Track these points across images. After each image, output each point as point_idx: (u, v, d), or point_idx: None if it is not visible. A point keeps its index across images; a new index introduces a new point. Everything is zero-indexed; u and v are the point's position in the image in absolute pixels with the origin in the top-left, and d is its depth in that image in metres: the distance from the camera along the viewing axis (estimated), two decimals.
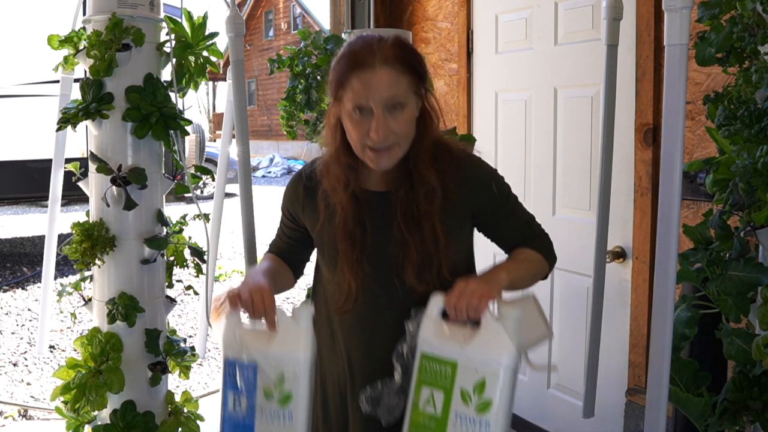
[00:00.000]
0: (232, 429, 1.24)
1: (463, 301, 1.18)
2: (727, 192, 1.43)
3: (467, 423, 1.15)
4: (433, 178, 1.30)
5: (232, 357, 1.24)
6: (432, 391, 1.18)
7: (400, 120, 1.24)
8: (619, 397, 2.42)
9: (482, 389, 1.14)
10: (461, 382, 1.16)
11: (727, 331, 1.44)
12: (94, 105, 1.82)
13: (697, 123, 2.12)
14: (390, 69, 1.22)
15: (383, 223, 1.33)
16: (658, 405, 1.37)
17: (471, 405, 1.15)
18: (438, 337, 1.20)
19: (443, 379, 1.18)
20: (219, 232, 2.53)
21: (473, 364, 1.16)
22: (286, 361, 1.21)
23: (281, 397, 1.21)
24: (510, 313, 1.18)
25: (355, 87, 1.22)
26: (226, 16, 1.96)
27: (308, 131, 2.36)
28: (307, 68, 2.27)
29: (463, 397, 1.16)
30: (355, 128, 1.25)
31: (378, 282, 1.33)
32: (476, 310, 1.17)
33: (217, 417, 1.29)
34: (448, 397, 1.17)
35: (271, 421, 1.21)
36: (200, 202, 2.08)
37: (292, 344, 1.22)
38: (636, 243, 2.33)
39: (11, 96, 5.92)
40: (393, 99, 1.22)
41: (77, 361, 1.89)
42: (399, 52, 1.24)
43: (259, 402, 1.22)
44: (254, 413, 1.22)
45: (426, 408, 1.19)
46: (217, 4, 2.29)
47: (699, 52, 1.42)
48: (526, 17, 2.72)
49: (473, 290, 1.19)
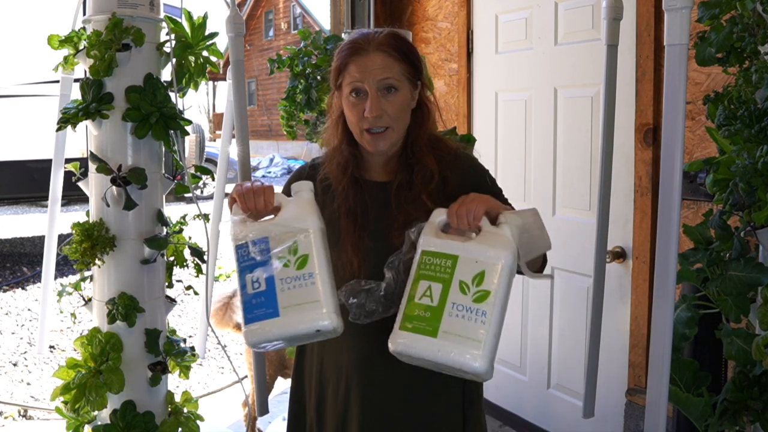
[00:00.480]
0: (255, 308, 1.21)
1: (464, 207, 1.23)
2: (727, 192, 1.43)
3: (463, 311, 1.16)
4: (432, 164, 1.39)
5: (242, 239, 1.25)
6: (430, 284, 1.20)
7: (393, 102, 1.34)
8: (619, 397, 2.42)
9: (481, 280, 1.17)
10: (460, 274, 1.19)
11: (727, 331, 1.44)
12: (94, 105, 1.82)
13: (697, 123, 2.12)
14: (383, 54, 1.33)
15: (384, 205, 1.40)
16: (658, 405, 1.37)
17: (468, 294, 1.17)
18: (438, 237, 1.24)
19: (443, 271, 1.20)
20: (219, 232, 2.53)
21: (474, 257, 1.19)
22: (296, 225, 1.23)
23: (298, 261, 1.21)
24: (512, 219, 1.22)
25: (352, 71, 1.34)
26: (226, 16, 1.96)
27: (308, 131, 2.36)
28: (307, 68, 2.27)
29: (461, 287, 1.18)
30: (352, 111, 1.35)
31: (378, 257, 1.36)
32: (476, 216, 1.22)
33: (217, 417, 1.29)
34: (446, 288, 1.19)
35: (293, 286, 1.20)
36: (200, 202, 2.08)
37: (299, 212, 1.25)
38: (636, 243, 2.33)
39: (11, 96, 5.92)
40: (386, 81, 1.33)
41: (77, 361, 1.89)
42: (392, 41, 1.36)
43: (277, 272, 1.21)
44: (274, 285, 1.21)
45: (422, 300, 1.19)
46: (217, 4, 2.29)
47: (699, 52, 1.42)
48: (526, 17, 2.72)
49: (473, 198, 1.25)
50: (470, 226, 1.23)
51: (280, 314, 1.19)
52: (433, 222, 1.27)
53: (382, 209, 1.41)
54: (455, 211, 1.25)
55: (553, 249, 1.44)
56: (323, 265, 1.23)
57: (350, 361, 1.41)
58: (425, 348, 1.16)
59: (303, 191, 1.29)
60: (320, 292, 1.20)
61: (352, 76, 1.34)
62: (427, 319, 1.17)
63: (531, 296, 2.82)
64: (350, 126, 1.39)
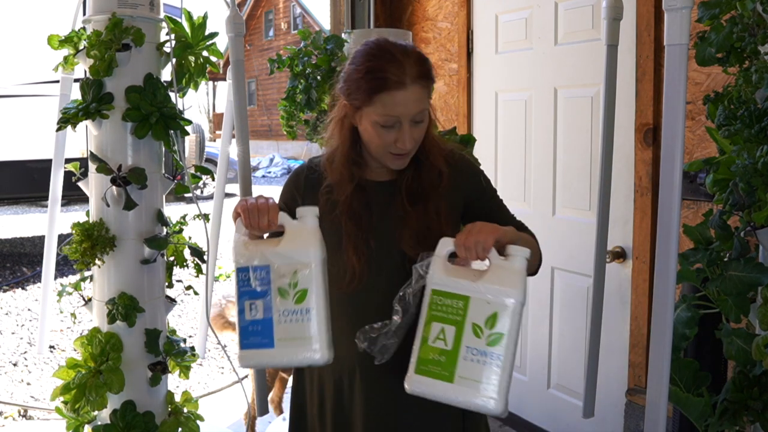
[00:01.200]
0: (251, 335, 1.24)
1: (472, 238, 1.22)
2: (727, 192, 1.43)
3: (478, 356, 1.17)
4: (441, 163, 1.39)
5: (244, 264, 1.25)
6: (443, 327, 1.20)
7: (420, 130, 1.34)
8: (619, 397, 2.42)
9: (494, 323, 1.17)
10: (473, 316, 1.19)
11: (727, 331, 1.44)
12: (94, 105, 1.82)
13: (697, 123, 2.12)
14: (418, 86, 1.29)
15: (388, 205, 1.40)
16: (658, 405, 1.37)
17: (482, 338, 1.17)
18: (448, 274, 1.22)
19: (455, 313, 1.20)
20: (219, 232, 2.53)
21: (485, 297, 1.18)
22: (298, 258, 1.23)
23: (297, 295, 1.22)
24: (519, 250, 1.22)
25: (387, 103, 1.28)
26: (226, 16, 1.96)
27: (308, 131, 2.35)
28: (307, 68, 2.27)
29: (474, 330, 1.18)
30: (381, 137, 1.32)
31: (378, 258, 1.37)
32: (484, 247, 1.21)
33: (217, 417, 1.29)
34: (459, 331, 1.19)
35: (289, 319, 1.22)
36: (200, 202, 2.08)
37: (302, 242, 1.24)
38: (636, 243, 2.33)
39: (11, 96, 5.92)
40: (419, 115, 1.31)
41: (77, 361, 1.89)
42: (424, 69, 1.31)
43: (276, 303, 1.22)
44: (272, 314, 1.23)
45: (436, 343, 1.20)
46: (217, 4, 2.29)
47: (699, 52, 1.42)
48: (526, 17, 2.72)
49: (480, 229, 1.24)
50: (479, 258, 1.22)
51: (275, 346, 1.23)
52: (440, 255, 1.25)
53: (386, 209, 1.40)
54: (463, 242, 1.23)
55: (553, 249, 1.45)
56: (321, 299, 1.24)
57: (350, 361, 1.41)
58: (443, 392, 1.19)
59: (308, 217, 1.27)
60: (315, 329, 1.22)
61: (387, 109, 1.28)
62: (442, 363, 1.19)
63: (531, 296, 2.81)
64: (371, 145, 1.35)
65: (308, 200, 1.45)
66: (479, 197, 1.47)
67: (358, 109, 1.33)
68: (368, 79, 1.29)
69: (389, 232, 1.38)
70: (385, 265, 1.39)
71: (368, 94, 1.29)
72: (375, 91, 1.28)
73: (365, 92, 1.29)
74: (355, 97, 1.32)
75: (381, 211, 1.40)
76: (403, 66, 1.28)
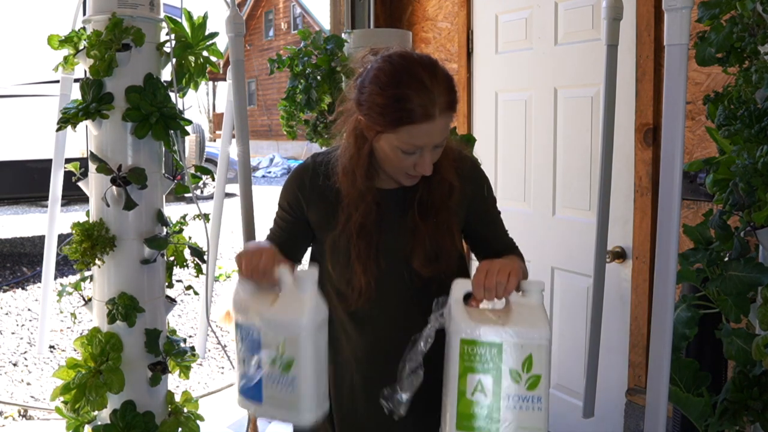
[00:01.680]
0: (245, 383, 1.25)
1: (492, 280, 1.18)
2: (727, 192, 1.42)
3: (520, 402, 1.15)
4: (452, 176, 1.35)
5: (240, 321, 1.25)
6: (479, 378, 1.16)
7: (439, 152, 1.31)
8: (619, 397, 2.42)
9: (530, 365, 1.15)
10: (509, 362, 1.16)
11: (727, 331, 1.44)
12: (94, 105, 1.82)
13: (697, 123, 2.12)
14: (447, 117, 1.25)
15: (397, 217, 1.37)
16: (658, 405, 1.37)
17: (521, 383, 1.15)
18: (474, 321, 1.18)
19: (490, 362, 1.16)
20: (219, 232, 2.53)
21: (518, 341, 1.16)
22: (288, 327, 1.20)
23: (284, 364, 1.20)
24: (533, 285, 1.21)
25: (412, 134, 1.23)
26: (226, 16, 1.96)
27: (308, 131, 2.35)
28: (307, 68, 2.27)
29: (512, 376, 1.16)
30: (400, 161, 1.28)
31: (387, 274, 1.35)
32: (507, 289, 1.18)
33: (217, 417, 1.30)
34: (498, 379, 1.16)
35: (276, 386, 1.21)
36: (200, 202, 2.08)
37: (294, 309, 1.21)
38: (636, 243, 2.33)
39: (11, 96, 5.92)
40: (443, 141, 1.28)
41: (77, 361, 1.89)
42: (452, 97, 1.26)
43: (265, 368, 1.22)
44: (261, 376, 1.23)
45: (475, 396, 1.16)
46: (217, 4, 2.29)
47: (699, 52, 1.42)
48: (526, 17, 2.72)
49: (500, 269, 1.20)
50: (499, 299, 1.20)
51: (263, 402, 1.23)
52: (458, 299, 1.20)
53: (396, 223, 1.37)
54: (482, 283, 1.19)
55: (553, 249, 1.45)
56: (308, 367, 1.21)
57: (356, 361, 1.42)
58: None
59: (306, 282, 1.22)
60: (301, 396, 1.21)
61: (413, 138, 1.23)
62: (485, 416, 1.16)
63: None
64: (386, 165, 1.31)
65: (313, 204, 1.41)
66: (479, 205, 1.45)
67: (378, 132, 1.27)
68: (394, 109, 1.22)
69: (397, 248, 1.36)
70: (394, 279, 1.37)
71: (393, 125, 1.23)
72: (401, 122, 1.22)
73: (390, 122, 1.23)
74: (377, 122, 1.25)
75: (391, 225, 1.37)
76: (432, 95, 1.21)
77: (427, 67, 1.24)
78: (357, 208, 1.34)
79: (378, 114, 1.24)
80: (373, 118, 1.26)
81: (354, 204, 1.35)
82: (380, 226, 1.36)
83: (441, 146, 1.30)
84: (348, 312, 1.41)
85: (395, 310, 1.38)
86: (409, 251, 1.35)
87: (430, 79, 1.22)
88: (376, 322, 1.38)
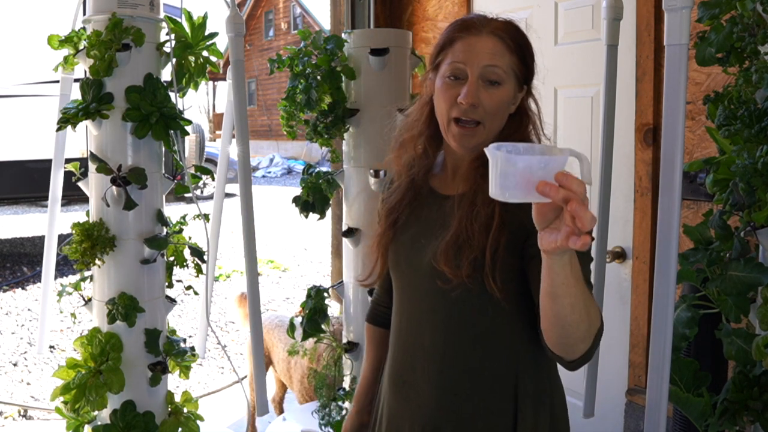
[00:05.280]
0: None
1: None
2: (727, 192, 1.43)
3: None
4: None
5: None
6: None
7: (493, 95, 1.14)
8: (619, 397, 2.42)
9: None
10: None
11: (727, 331, 1.44)
12: (94, 105, 1.82)
13: (697, 123, 2.12)
14: (497, 39, 1.14)
15: (438, 225, 1.19)
16: (658, 405, 1.37)
17: None
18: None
19: None
20: (219, 232, 2.53)
21: None
22: None
23: None
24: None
25: (457, 49, 1.15)
26: (226, 16, 1.96)
27: (308, 131, 2.35)
28: (307, 68, 2.27)
29: None
30: (445, 94, 1.15)
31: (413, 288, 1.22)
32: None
33: (217, 417, 1.29)
34: None
35: None
36: (200, 202, 2.08)
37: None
38: (636, 243, 2.33)
39: (11, 96, 5.92)
40: (491, 69, 1.13)
41: (77, 361, 1.89)
42: (510, 29, 1.17)
43: None
44: None
45: None
46: (217, 4, 2.29)
47: (699, 52, 1.42)
48: (526, 17, 2.72)
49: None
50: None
51: None
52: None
53: (436, 228, 1.18)
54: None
55: None
56: None
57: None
58: None
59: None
60: None
61: (456, 54, 1.14)
62: None
63: None
64: (438, 114, 1.18)
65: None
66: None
67: (436, 70, 1.19)
68: (447, 30, 1.19)
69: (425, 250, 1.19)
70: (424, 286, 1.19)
71: (443, 43, 1.18)
72: (449, 36, 1.17)
73: (441, 42, 1.18)
74: (434, 52, 1.20)
75: (432, 228, 1.20)
76: (485, 18, 1.17)
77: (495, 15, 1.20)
78: (401, 182, 1.27)
79: (437, 44, 1.20)
80: (432, 55, 1.21)
81: (399, 175, 1.28)
82: (416, 218, 1.25)
83: (497, 84, 1.14)
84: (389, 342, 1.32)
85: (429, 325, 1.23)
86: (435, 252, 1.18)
87: (491, 17, 1.18)
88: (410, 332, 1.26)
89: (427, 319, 1.20)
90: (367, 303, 2.29)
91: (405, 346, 1.24)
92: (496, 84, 1.14)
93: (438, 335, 1.18)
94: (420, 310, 1.21)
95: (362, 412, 1.39)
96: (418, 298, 1.21)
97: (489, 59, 1.13)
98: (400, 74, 2.27)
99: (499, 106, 1.15)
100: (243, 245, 2.02)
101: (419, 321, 1.21)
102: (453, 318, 1.16)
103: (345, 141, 2.36)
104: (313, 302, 2.32)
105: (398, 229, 1.25)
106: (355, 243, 2.30)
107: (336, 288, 2.44)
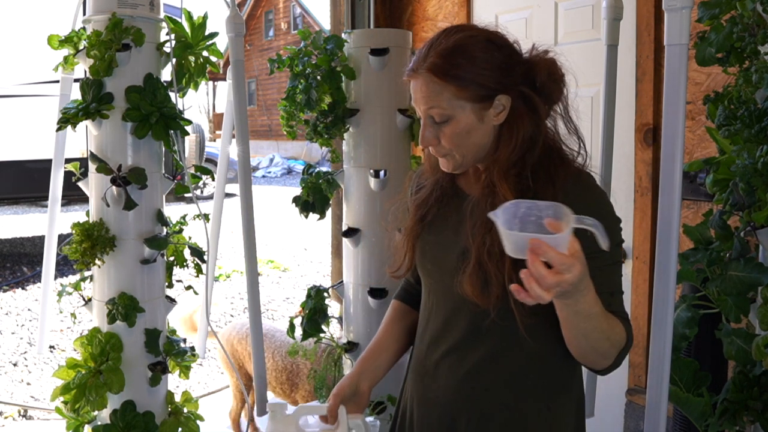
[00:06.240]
0: None
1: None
2: (727, 192, 1.43)
3: None
4: (504, 190, 1.10)
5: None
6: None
7: (446, 131, 1.12)
8: (619, 397, 2.42)
9: None
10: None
11: (727, 331, 1.44)
12: (94, 105, 1.82)
13: (697, 123, 2.12)
14: (429, 77, 1.10)
15: (458, 220, 1.20)
16: (658, 405, 1.37)
17: None
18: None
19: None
20: (219, 232, 2.53)
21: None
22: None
23: None
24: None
25: (411, 90, 1.15)
26: (226, 16, 1.96)
27: (308, 131, 2.35)
28: (307, 68, 2.27)
29: None
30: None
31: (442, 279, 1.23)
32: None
33: (217, 417, 1.30)
34: None
35: None
36: (200, 202, 2.08)
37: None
38: (636, 243, 2.33)
39: (11, 96, 5.93)
40: (434, 112, 1.11)
41: (77, 361, 1.89)
42: (444, 61, 1.10)
43: None
44: None
45: None
46: (217, 4, 2.29)
47: (699, 52, 1.42)
48: (526, 17, 2.72)
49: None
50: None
51: None
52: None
53: (459, 227, 1.18)
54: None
55: None
56: None
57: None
58: None
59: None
60: None
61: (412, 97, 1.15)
62: None
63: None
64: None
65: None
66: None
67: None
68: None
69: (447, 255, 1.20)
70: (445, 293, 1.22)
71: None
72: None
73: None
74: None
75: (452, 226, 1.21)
76: (420, 54, 1.13)
77: (446, 30, 1.15)
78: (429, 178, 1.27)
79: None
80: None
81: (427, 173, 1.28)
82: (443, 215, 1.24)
83: (443, 122, 1.11)
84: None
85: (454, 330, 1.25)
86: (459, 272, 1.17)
87: (436, 40, 1.14)
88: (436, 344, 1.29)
89: (452, 317, 1.21)
90: (367, 303, 2.29)
91: (431, 340, 1.25)
92: (445, 122, 1.12)
93: (461, 333, 1.19)
94: (445, 308, 1.22)
95: (362, 377, 1.31)
96: (443, 297, 1.22)
97: (426, 102, 1.12)
98: (400, 74, 2.25)
99: (459, 138, 1.13)
100: (243, 245, 2.02)
101: (445, 319, 1.22)
102: (477, 315, 1.16)
103: (345, 141, 2.36)
104: (313, 302, 2.32)
105: (425, 225, 1.25)
106: (355, 243, 2.30)
107: (336, 288, 2.45)
